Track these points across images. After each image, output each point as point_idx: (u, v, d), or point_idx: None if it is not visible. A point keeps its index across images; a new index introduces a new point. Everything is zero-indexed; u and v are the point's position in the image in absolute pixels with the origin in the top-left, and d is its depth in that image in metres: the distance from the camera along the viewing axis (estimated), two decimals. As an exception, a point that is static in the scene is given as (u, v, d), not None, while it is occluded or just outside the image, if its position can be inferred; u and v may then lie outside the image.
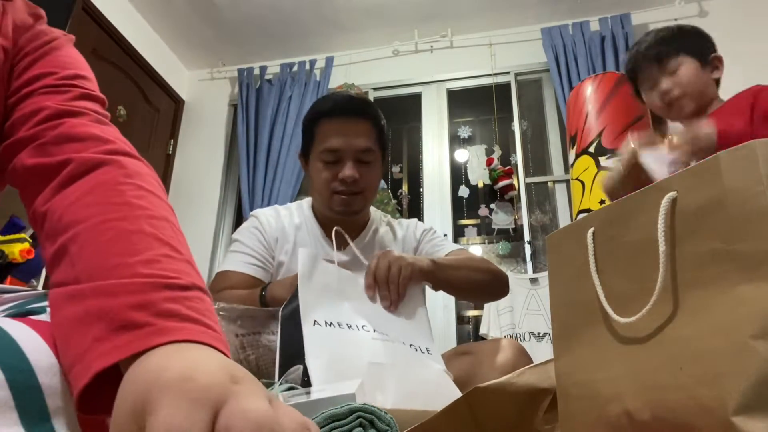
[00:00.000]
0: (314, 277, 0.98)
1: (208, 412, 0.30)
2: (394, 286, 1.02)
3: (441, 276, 1.13)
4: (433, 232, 1.42)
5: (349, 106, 1.24)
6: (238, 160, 3.22)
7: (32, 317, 0.43)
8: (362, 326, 0.96)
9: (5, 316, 0.44)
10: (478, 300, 1.34)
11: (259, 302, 1.10)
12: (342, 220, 1.27)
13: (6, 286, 0.53)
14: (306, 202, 1.38)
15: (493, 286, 1.27)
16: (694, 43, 1.37)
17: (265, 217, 1.31)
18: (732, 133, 1.10)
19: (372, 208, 1.39)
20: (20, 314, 0.44)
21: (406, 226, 1.41)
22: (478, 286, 1.22)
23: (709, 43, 1.39)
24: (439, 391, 0.92)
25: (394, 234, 1.38)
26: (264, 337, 0.98)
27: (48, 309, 0.44)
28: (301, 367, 0.81)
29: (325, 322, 0.93)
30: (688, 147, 1.11)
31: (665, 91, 1.34)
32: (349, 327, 0.95)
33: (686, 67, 1.33)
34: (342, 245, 1.28)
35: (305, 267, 0.97)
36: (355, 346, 0.91)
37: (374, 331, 0.96)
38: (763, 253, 0.43)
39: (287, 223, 1.30)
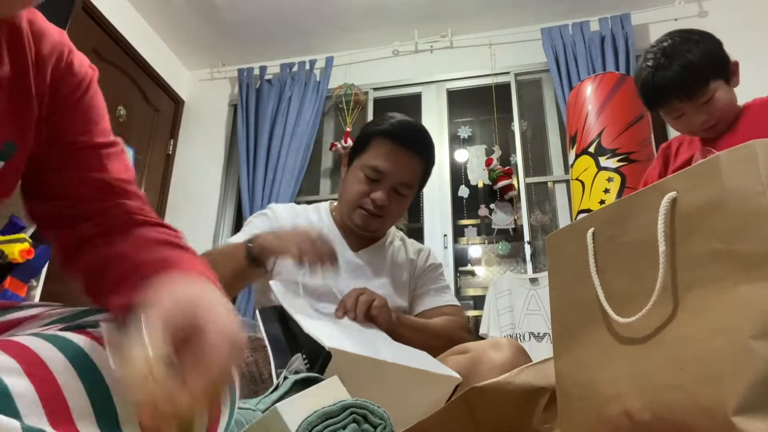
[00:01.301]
0: (293, 299, 1.02)
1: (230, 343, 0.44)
2: (360, 311, 1.04)
3: (397, 332, 1.11)
4: (441, 272, 1.39)
5: (411, 138, 1.26)
6: (238, 160, 3.22)
7: (90, 330, 0.48)
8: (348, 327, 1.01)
9: (61, 329, 0.48)
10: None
11: (245, 254, 1.05)
12: (356, 231, 1.29)
13: (27, 302, 0.60)
14: (323, 205, 1.40)
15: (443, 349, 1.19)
16: (715, 59, 1.24)
17: (280, 209, 1.33)
18: None
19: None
20: (74, 328, 0.49)
21: (419, 250, 1.40)
22: (435, 352, 1.14)
23: (722, 49, 1.27)
24: (429, 360, 0.96)
25: (406, 252, 1.38)
26: (262, 341, 0.98)
27: (102, 324, 0.50)
28: (300, 355, 0.82)
29: (316, 318, 0.96)
30: None
31: (702, 123, 1.26)
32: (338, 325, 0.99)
33: (719, 94, 1.23)
34: (357, 248, 1.31)
35: (280, 291, 1.01)
36: (350, 333, 0.96)
37: (359, 331, 1.00)
38: (763, 254, 0.43)
39: (303, 218, 1.33)
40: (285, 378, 0.75)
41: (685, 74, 1.23)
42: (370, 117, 3.19)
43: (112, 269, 0.57)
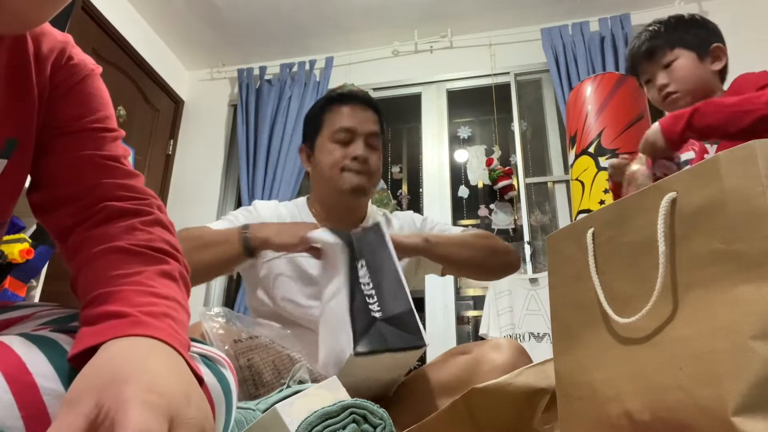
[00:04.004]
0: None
1: (166, 421, 0.36)
2: None
3: (435, 252, 1.14)
4: (431, 220, 1.42)
5: (357, 96, 1.32)
6: (238, 160, 3.22)
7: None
8: None
9: (52, 331, 0.47)
10: (482, 277, 1.32)
11: (240, 239, 1.04)
12: (341, 212, 1.29)
13: (22, 303, 0.58)
14: (301, 200, 1.39)
15: (492, 262, 1.24)
16: (691, 34, 1.32)
17: (262, 206, 1.33)
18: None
19: (369, 204, 1.40)
20: (66, 331, 0.48)
21: (402, 217, 1.41)
22: (476, 263, 1.21)
23: (709, 33, 1.34)
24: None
25: (390, 226, 1.37)
26: (262, 339, 0.98)
27: None
28: (305, 365, 0.83)
29: None
30: (641, 147, 1.17)
31: (661, 86, 1.31)
32: None
33: (681, 61, 1.29)
34: None
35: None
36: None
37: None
38: (762, 254, 0.43)
39: (285, 214, 1.32)
40: (288, 387, 0.75)
41: (652, 36, 1.33)
42: (370, 117, 3.18)
43: (80, 281, 0.54)
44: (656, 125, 1.14)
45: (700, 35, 1.33)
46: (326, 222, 1.30)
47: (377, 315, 0.94)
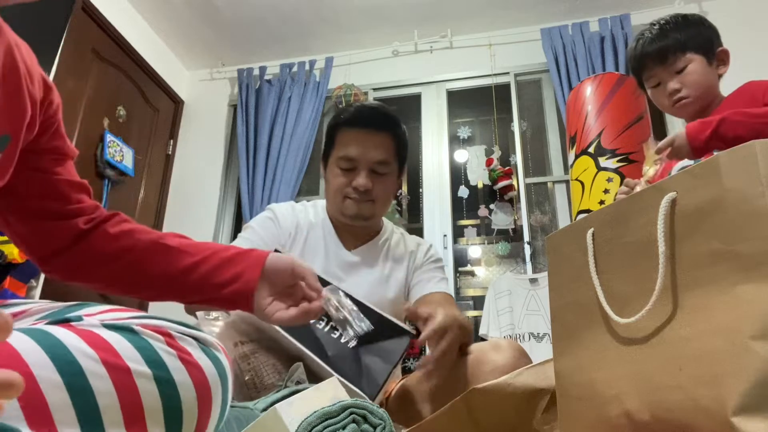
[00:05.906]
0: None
1: None
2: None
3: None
4: (438, 264, 1.36)
5: (370, 118, 1.27)
6: (238, 160, 3.22)
7: (73, 324, 0.47)
8: None
9: (47, 324, 0.48)
10: None
11: None
12: (348, 227, 1.29)
13: (17, 300, 0.59)
14: (321, 203, 1.40)
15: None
16: (700, 37, 1.30)
17: (281, 211, 1.33)
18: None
19: (386, 219, 1.40)
20: (59, 321, 0.49)
21: (419, 243, 1.38)
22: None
23: (715, 35, 1.33)
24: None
25: (405, 246, 1.36)
26: (263, 342, 0.98)
27: (84, 318, 0.49)
28: (300, 364, 0.83)
29: None
30: (666, 148, 1.16)
31: (672, 91, 1.29)
32: None
33: (693, 66, 1.28)
34: (352, 247, 1.31)
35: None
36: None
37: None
38: (762, 254, 0.43)
39: (302, 218, 1.32)
40: (286, 386, 0.75)
41: (662, 39, 1.30)
42: (369, 117, 3.18)
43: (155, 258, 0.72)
44: (682, 132, 1.14)
45: (705, 36, 1.32)
46: (340, 229, 1.31)
47: (352, 343, 0.94)
